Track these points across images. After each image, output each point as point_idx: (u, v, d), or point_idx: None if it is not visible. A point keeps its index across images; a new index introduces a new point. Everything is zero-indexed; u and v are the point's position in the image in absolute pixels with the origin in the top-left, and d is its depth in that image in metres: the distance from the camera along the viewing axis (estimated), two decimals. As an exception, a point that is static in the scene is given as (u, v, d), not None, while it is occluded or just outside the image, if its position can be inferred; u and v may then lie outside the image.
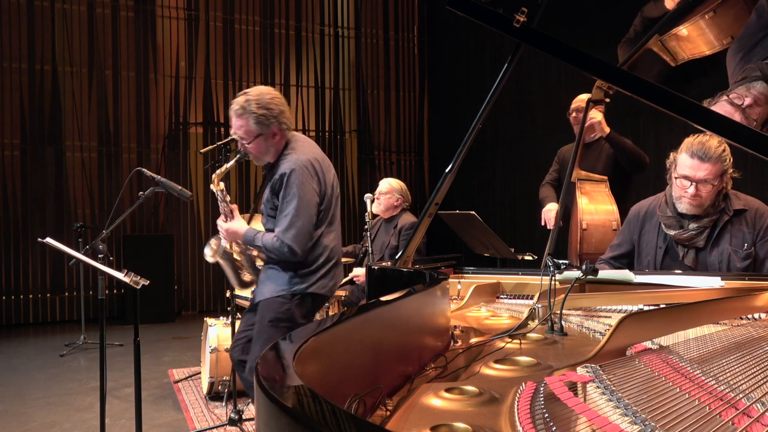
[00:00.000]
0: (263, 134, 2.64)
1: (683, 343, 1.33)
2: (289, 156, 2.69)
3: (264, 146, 2.69)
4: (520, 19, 1.78)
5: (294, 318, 2.69)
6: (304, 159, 2.67)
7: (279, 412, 0.66)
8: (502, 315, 1.83)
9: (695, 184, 2.21)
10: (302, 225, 2.63)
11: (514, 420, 0.91)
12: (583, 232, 3.11)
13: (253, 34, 8.08)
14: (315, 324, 1.04)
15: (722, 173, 2.22)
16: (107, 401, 2.90)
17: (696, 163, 2.20)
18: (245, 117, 2.63)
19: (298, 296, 2.68)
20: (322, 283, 2.75)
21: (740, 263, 2.24)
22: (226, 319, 3.98)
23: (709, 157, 2.19)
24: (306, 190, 2.64)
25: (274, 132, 2.67)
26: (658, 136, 4.91)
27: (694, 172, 2.21)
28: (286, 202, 2.63)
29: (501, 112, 7.01)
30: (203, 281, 7.85)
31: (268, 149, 2.71)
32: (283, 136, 2.71)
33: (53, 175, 7.22)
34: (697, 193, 2.22)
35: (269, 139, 2.67)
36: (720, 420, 0.86)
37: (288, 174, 2.62)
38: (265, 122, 2.62)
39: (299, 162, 2.65)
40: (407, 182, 4.78)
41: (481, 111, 2.04)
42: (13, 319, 7.10)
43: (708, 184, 2.21)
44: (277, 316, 2.66)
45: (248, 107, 2.62)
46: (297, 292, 2.68)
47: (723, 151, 2.20)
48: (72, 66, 7.27)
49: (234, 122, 2.69)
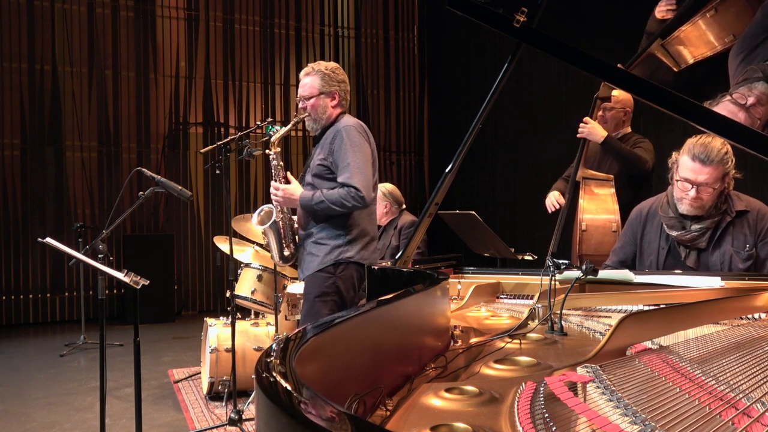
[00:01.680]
0: (324, 93, 2.86)
1: (683, 343, 1.33)
2: (343, 120, 2.89)
3: (321, 106, 2.88)
4: (520, 19, 1.78)
5: (340, 291, 2.79)
6: (357, 123, 2.88)
7: (279, 412, 0.66)
8: (502, 315, 1.83)
9: (696, 187, 2.21)
10: (368, 173, 2.78)
11: (514, 420, 0.91)
12: (583, 233, 3.10)
13: (253, 34, 8.08)
14: (315, 324, 1.04)
15: (724, 176, 2.21)
16: (107, 401, 2.90)
17: (697, 166, 2.19)
18: (313, 74, 2.89)
19: (342, 266, 2.77)
20: (364, 253, 2.84)
21: (742, 264, 2.24)
22: (226, 319, 3.97)
23: (711, 160, 2.18)
24: (365, 146, 2.83)
25: (333, 95, 2.88)
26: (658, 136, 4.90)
27: (696, 175, 2.20)
28: (347, 153, 2.75)
29: (501, 112, 7.01)
30: (203, 281, 7.85)
31: (325, 110, 2.89)
32: (339, 105, 2.91)
33: (53, 175, 7.21)
34: (698, 196, 2.22)
35: (327, 100, 2.87)
36: (720, 420, 0.86)
37: (348, 130, 2.79)
38: (329, 81, 2.87)
39: (355, 122, 2.87)
40: (407, 182, 4.79)
41: (481, 111, 2.04)
42: (13, 319, 7.10)
43: (709, 188, 2.20)
44: (323, 291, 2.76)
45: (317, 67, 2.89)
46: (341, 261, 2.78)
47: (725, 154, 2.19)
48: (72, 66, 7.27)
49: (301, 82, 2.92)
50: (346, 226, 2.81)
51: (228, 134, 7.86)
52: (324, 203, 2.73)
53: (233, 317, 3.50)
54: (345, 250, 2.79)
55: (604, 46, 5.06)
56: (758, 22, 2.08)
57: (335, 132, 2.81)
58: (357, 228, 2.83)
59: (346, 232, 2.80)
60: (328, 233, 2.81)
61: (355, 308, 1.17)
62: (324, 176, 2.82)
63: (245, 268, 4.07)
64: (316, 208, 2.77)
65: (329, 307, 2.77)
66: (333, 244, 2.79)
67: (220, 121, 7.91)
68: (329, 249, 2.79)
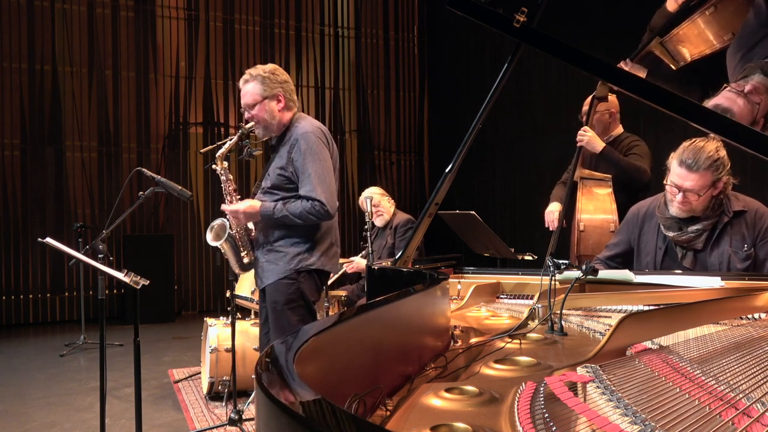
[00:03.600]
0: (268, 97, 2.72)
1: (683, 343, 1.33)
2: (300, 124, 2.77)
3: (269, 113, 2.75)
4: (520, 19, 1.78)
5: (305, 296, 2.72)
6: (315, 127, 2.76)
7: (279, 412, 0.66)
8: (502, 315, 1.83)
9: (683, 192, 2.21)
10: (330, 183, 2.69)
11: (514, 420, 0.91)
12: (581, 233, 3.10)
13: (253, 34, 8.08)
14: (315, 324, 1.04)
15: (713, 182, 2.20)
16: (107, 401, 2.90)
17: (684, 172, 2.19)
18: (251, 80, 2.75)
19: (304, 274, 2.71)
20: (324, 260, 2.77)
21: (740, 264, 2.24)
22: (226, 319, 3.97)
23: (699, 166, 2.16)
24: (325, 153, 2.72)
25: (278, 97, 2.74)
26: (658, 136, 4.90)
27: (682, 181, 2.20)
28: (307, 163, 2.66)
29: (501, 112, 7.01)
30: (203, 281, 7.85)
31: (273, 116, 2.76)
32: (287, 107, 2.78)
33: (53, 175, 7.21)
34: (685, 200, 2.22)
35: (273, 104, 2.74)
36: (720, 420, 0.86)
37: (307, 137, 2.68)
38: (270, 84, 2.73)
39: (313, 127, 2.74)
40: (407, 182, 4.80)
41: (481, 111, 2.03)
42: (13, 319, 7.10)
43: (695, 194, 2.20)
44: (289, 298, 2.69)
45: (255, 72, 2.76)
46: (302, 269, 2.71)
47: (716, 160, 2.17)
48: (72, 66, 7.27)
49: (242, 92, 2.79)
50: (305, 234, 2.72)
51: (228, 134, 7.86)
52: (287, 218, 2.65)
53: (233, 317, 3.50)
54: (305, 257, 2.71)
55: (604, 46, 5.06)
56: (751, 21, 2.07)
57: (294, 140, 2.70)
58: (316, 234, 2.74)
59: (305, 239, 2.72)
60: (287, 241, 2.71)
61: (355, 308, 1.17)
62: (284, 187, 2.72)
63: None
64: (278, 222, 2.69)
65: (299, 314, 2.69)
66: (293, 251, 2.71)
67: (220, 121, 7.91)
68: (290, 257, 2.70)
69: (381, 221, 4.47)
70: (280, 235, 2.74)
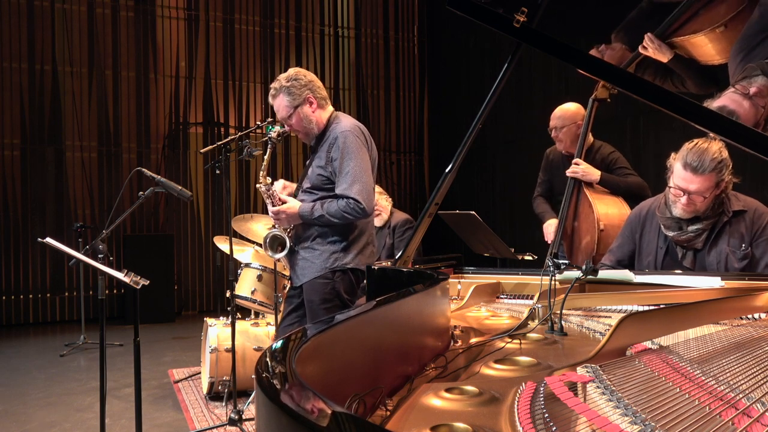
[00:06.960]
0: (299, 105, 2.75)
1: (683, 343, 1.32)
2: (339, 123, 2.79)
3: (305, 118, 2.78)
4: (520, 19, 1.78)
5: (340, 295, 2.75)
6: (354, 126, 2.78)
7: (279, 412, 0.66)
8: (502, 315, 1.83)
9: (688, 194, 2.21)
10: (367, 181, 2.70)
11: (514, 420, 0.91)
12: (600, 232, 3.09)
13: (253, 34, 8.08)
14: (315, 324, 1.04)
15: (717, 183, 2.20)
16: (107, 401, 2.90)
17: (689, 175, 2.18)
18: (278, 95, 2.77)
19: (339, 273, 2.73)
20: (360, 259, 2.79)
21: (738, 264, 2.23)
22: (226, 319, 3.97)
23: (704, 169, 2.16)
24: (363, 152, 2.74)
25: (309, 100, 2.77)
26: (658, 136, 4.90)
27: (687, 184, 2.19)
28: (345, 161, 2.68)
29: (501, 112, 7.01)
30: (203, 281, 7.85)
31: (310, 120, 2.79)
32: (320, 106, 2.81)
33: (53, 175, 7.21)
34: (690, 202, 2.22)
35: (306, 107, 2.76)
36: (720, 420, 0.86)
37: (345, 135, 2.70)
38: (296, 92, 2.74)
39: (351, 126, 2.76)
40: (407, 182, 4.80)
41: (481, 111, 2.03)
42: (13, 319, 7.10)
43: (700, 196, 2.20)
44: (324, 297, 2.72)
45: (278, 86, 2.78)
46: (337, 268, 2.73)
47: (719, 162, 2.16)
48: (72, 66, 7.27)
49: (274, 108, 2.82)
50: (341, 232, 2.75)
51: (228, 134, 7.86)
52: (324, 217, 2.68)
53: (233, 317, 3.50)
54: (341, 256, 2.74)
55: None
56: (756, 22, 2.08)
57: (332, 139, 2.73)
58: (353, 233, 2.77)
59: (342, 238, 2.75)
60: (323, 239, 2.75)
61: (355, 308, 1.17)
62: (323, 186, 2.75)
63: (245, 268, 4.07)
64: (316, 222, 2.72)
65: (334, 313, 2.74)
66: (329, 250, 2.74)
67: (220, 121, 7.91)
68: (326, 255, 2.74)
69: (379, 221, 4.46)
70: (317, 233, 2.77)
